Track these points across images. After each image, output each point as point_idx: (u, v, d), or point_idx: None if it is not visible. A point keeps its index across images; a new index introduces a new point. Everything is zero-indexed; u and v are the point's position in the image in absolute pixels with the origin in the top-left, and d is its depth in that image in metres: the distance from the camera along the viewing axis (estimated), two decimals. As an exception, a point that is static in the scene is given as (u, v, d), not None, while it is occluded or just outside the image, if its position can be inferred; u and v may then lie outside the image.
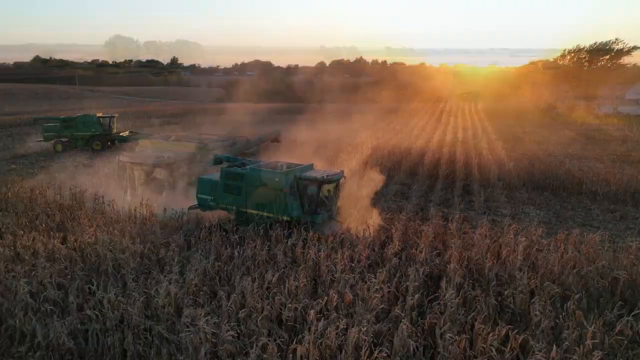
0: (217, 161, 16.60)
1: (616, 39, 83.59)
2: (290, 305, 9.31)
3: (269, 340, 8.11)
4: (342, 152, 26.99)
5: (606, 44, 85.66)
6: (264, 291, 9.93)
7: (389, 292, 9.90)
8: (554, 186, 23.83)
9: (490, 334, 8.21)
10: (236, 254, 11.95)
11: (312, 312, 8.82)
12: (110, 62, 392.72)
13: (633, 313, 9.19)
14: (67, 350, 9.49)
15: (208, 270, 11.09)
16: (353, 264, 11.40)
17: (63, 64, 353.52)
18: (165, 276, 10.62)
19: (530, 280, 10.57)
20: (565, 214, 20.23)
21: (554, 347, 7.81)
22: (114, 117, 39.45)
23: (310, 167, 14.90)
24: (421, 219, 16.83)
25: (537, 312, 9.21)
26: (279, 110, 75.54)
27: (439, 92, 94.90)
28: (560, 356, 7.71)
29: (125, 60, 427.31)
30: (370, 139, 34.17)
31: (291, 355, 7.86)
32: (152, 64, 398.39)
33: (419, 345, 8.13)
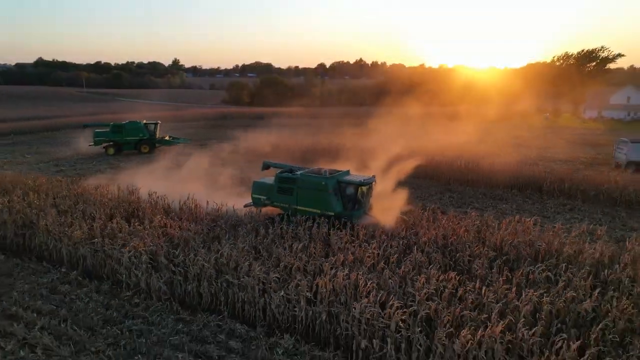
0: (265, 167, 21.15)
1: (602, 47, 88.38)
2: (311, 262, 13.99)
3: (299, 281, 12.76)
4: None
5: (592, 51, 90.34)
6: (293, 254, 14.58)
7: (377, 254, 14.58)
8: (521, 185, 28.54)
9: (441, 277, 12.87)
10: (270, 232, 16.62)
11: (326, 264, 13.50)
12: (112, 64, 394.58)
13: (542, 267, 13.84)
14: (163, 292, 14.19)
15: (252, 242, 15.76)
16: (354, 238, 16.09)
17: (66, 66, 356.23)
18: (223, 245, 15.26)
19: (476, 248, 15.25)
20: (525, 207, 24.97)
21: (484, 287, 12.41)
22: (157, 123, 44.43)
23: (348, 172, 19.21)
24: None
25: (475, 266, 13.89)
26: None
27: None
28: (484, 291, 12.29)
29: (127, 62, 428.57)
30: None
31: (315, 286, 12.52)
32: (153, 65, 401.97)
33: (395, 285, 12.76)
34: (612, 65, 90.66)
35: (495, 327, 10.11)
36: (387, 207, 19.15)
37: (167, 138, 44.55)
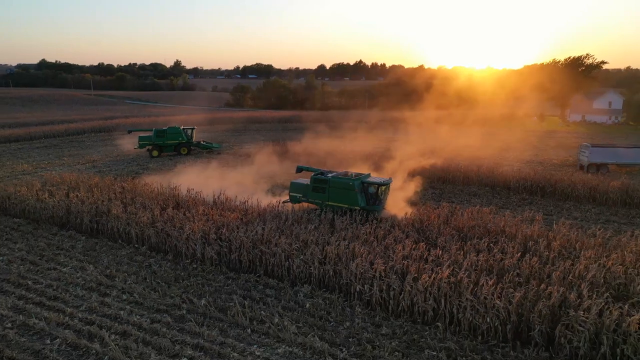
0: (299, 170, 26.42)
1: (587, 54, 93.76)
2: (321, 237, 19.43)
3: (313, 249, 18.19)
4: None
5: (578, 58, 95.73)
6: (308, 232, 19.99)
7: (369, 232, 20.02)
8: (492, 183, 33.99)
9: (414, 246, 18.30)
10: (290, 217, 22.08)
11: (332, 238, 18.94)
12: (115, 65, 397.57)
13: (487, 240, 19.25)
14: (214, 259, 19.65)
15: (277, 224, 21.21)
16: (352, 221, 21.56)
17: (70, 68, 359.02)
18: (255, 226, 20.67)
19: (441, 228, 20.69)
20: (493, 201, 30.41)
21: (442, 252, 17.79)
22: (194, 128, 50.49)
23: (369, 175, 24.45)
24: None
25: (440, 241, 19.33)
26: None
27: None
28: (442, 254, 17.65)
29: (130, 63, 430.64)
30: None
31: (324, 253, 17.95)
32: (155, 67, 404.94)
33: (380, 251, 18.16)
34: (608, 67, 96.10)
35: (443, 273, 15.54)
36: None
37: (202, 142, 50.18)
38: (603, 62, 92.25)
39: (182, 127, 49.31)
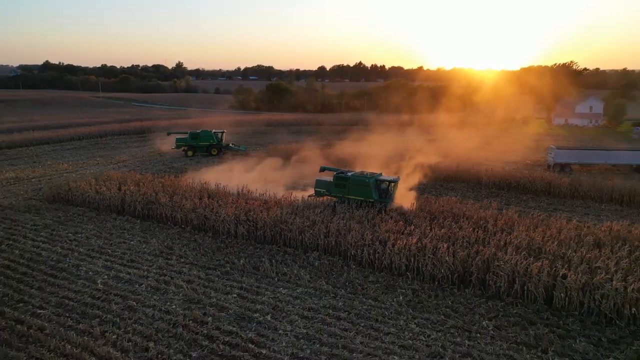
0: (322, 170, 32.60)
1: (571, 61, 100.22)
2: (325, 218, 25.82)
3: (319, 227, 24.56)
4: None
5: (565, 64, 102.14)
6: (316, 214, 26.35)
7: (362, 215, 26.41)
8: (467, 179, 40.38)
9: (394, 224, 24.69)
10: (301, 203, 28.47)
11: (334, 219, 25.35)
12: (118, 67, 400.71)
13: (450, 220, 25.62)
14: (245, 235, 26.09)
15: (292, 209, 27.60)
16: (350, 207, 28.02)
17: (74, 69, 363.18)
18: (274, 211, 27.04)
19: (416, 212, 27.08)
20: (467, 194, 36.77)
21: (415, 228, 24.13)
22: (223, 132, 56.70)
23: (381, 174, 30.24)
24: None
25: (415, 221, 25.72)
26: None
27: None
28: (414, 229, 23.99)
29: (133, 65, 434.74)
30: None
31: (328, 229, 24.36)
32: (157, 68, 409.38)
33: (370, 227, 24.52)
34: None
35: (413, 240, 21.92)
36: None
37: (230, 145, 56.13)
38: (586, 69, 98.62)
39: (213, 131, 55.65)
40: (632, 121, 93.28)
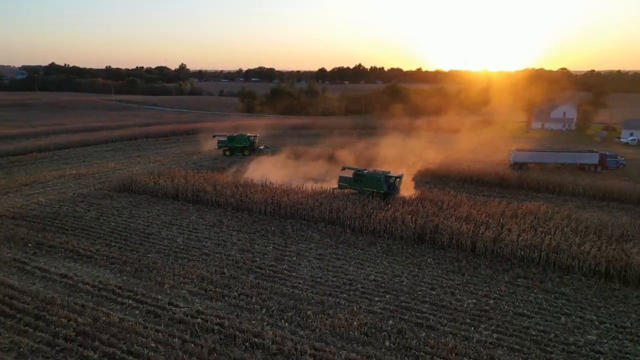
0: (344, 169, 42.84)
1: (550, 70, 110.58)
2: (329, 200, 36.39)
3: (325, 205, 35.08)
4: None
5: (543, 70, 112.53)
6: (322, 198, 36.87)
7: (355, 198, 36.98)
8: (441, 175, 50.92)
9: (377, 203, 35.25)
10: (311, 192, 39.08)
11: (335, 200, 35.91)
12: (123, 68, 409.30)
13: (418, 202, 36.16)
14: (271, 213, 36.73)
15: (307, 195, 38.17)
16: (349, 194, 38.63)
17: (82, 72, 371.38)
18: (291, 197, 37.55)
19: (395, 201, 37.67)
20: (438, 186, 47.21)
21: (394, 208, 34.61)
22: (256, 136, 67.38)
23: (389, 171, 40.35)
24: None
25: (392, 203, 36.29)
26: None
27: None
28: (393, 207, 34.45)
29: (137, 67, 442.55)
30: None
31: (331, 207, 34.93)
32: (161, 70, 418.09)
33: (366, 207, 35.03)
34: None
35: (388, 213, 32.47)
36: None
37: (261, 147, 66.36)
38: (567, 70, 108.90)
39: (247, 135, 66.33)
40: (603, 124, 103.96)
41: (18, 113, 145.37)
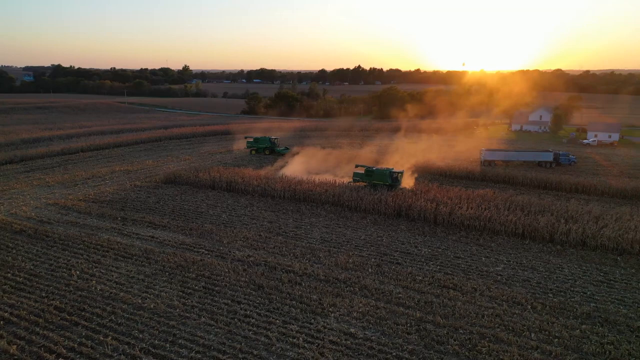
0: (356, 166, 54.78)
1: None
2: (332, 187, 48.53)
3: (330, 191, 47.17)
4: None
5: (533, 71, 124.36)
6: (328, 186, 48.93)
7: (352, 186, 49.07)
8: (422, 171, 62.99)
9: (367, 191, 47.35)
10: (318, 182, 51.23)
11: (337, 187, 48.04)
12: (127, 69, 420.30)
13: (401, 189, 48.26)
14: (289, 198, 48.94)
15: (315, 185, 50.30)
16: (349, 184, 50.82)
17: (88, 74, 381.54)
18: (305, 184, 49.65)
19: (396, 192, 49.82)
20: (418, 179, 59.30)
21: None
22: (277, 138, 79.86)
23: (392, 168, 52.52)
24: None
25: (378, 189, 48.42)
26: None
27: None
28: (376, 194, 46.46)
29: (141, 68, 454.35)
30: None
31: (335, 192, 47.06)
32: (164, 72, 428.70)
33: (354, 191, 47.08)
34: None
35: (375, 196, 44.56)
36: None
37: (281, 149, 78.20)
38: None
39: (270, 137, 78.50)
40: (576, 126, 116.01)
41: (41, 115, 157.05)
